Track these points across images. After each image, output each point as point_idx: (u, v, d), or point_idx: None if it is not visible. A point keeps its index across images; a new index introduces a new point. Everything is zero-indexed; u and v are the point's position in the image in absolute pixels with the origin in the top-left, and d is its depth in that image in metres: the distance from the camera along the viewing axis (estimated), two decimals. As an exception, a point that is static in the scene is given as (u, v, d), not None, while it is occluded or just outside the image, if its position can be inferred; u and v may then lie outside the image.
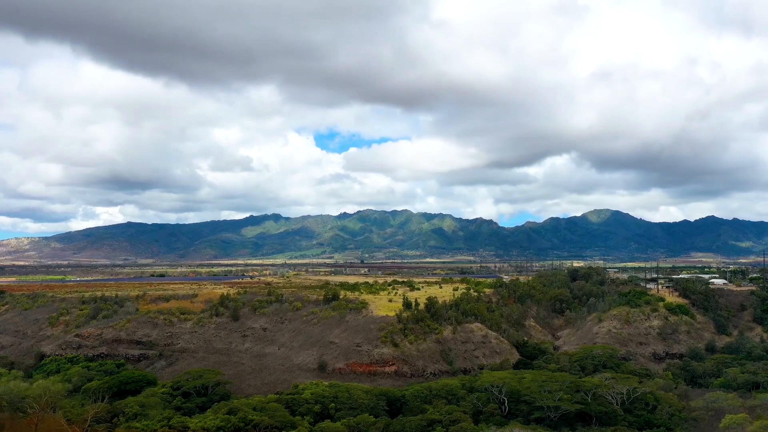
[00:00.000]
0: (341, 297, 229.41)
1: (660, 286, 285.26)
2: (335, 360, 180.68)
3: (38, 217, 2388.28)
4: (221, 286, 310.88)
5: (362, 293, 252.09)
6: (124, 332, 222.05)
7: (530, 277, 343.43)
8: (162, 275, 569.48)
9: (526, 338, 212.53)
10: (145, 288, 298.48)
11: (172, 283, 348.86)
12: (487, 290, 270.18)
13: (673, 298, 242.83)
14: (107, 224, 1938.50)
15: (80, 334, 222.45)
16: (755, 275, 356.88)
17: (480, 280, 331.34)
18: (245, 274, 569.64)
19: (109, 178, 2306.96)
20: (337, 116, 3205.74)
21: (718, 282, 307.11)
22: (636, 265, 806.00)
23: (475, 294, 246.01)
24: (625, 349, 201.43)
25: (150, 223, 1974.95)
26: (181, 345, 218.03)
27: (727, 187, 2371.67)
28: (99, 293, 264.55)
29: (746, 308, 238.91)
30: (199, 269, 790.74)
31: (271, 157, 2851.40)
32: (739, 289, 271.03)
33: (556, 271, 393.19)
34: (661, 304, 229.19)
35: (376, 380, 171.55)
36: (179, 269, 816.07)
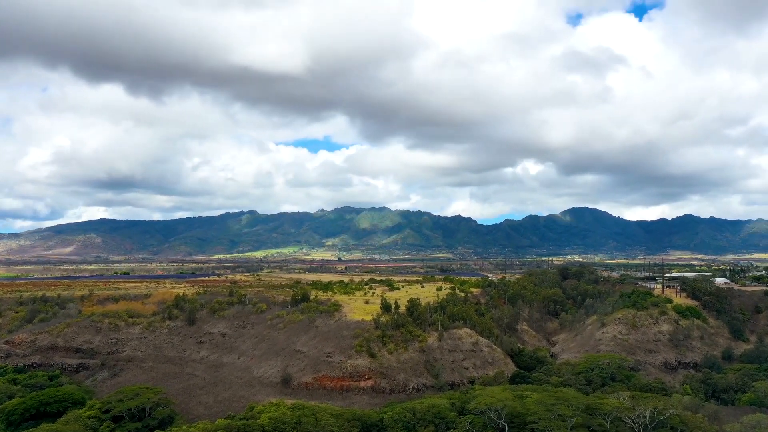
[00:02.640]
0: (312, 298, 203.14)
1: (660, 286, 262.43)
2: (302, 373, 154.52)
3: (31, 217, 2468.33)
4: (182, 285, 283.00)
5: (335, 293, 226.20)
6: (62, 338, 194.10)
7: (519, 276, 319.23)
8: (126, 273, 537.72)
9: (520, 345, 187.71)
10: (97, 287, 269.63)
11: (130, 282, 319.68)
12: (474, 290, 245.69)
13: (681, 300, 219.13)
14: (80, 220, 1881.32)
15: (11, 340, 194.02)
16: (759, 273, 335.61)
17: (465, 278, 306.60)
18: (214, 271, 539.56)
19: (97, 178, 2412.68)
20: (321, 126, 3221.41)
21: (720, 281, 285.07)
22: (624, 262, 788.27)
23: (462, 294, 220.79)
24: (633, 358, 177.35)
25: (124, 219, 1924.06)
26: (128, 353, 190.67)
27: (705, 189, 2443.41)
28: (40, 293, 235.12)
29: (761, 311, 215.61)
30: (169, 266, 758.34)
31: (252, 161, 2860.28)
32: (750, 289, 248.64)
33: (546, 270, 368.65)
34: (669, 306, 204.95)
35: (350, 397, 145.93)
36: (149, 266, 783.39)
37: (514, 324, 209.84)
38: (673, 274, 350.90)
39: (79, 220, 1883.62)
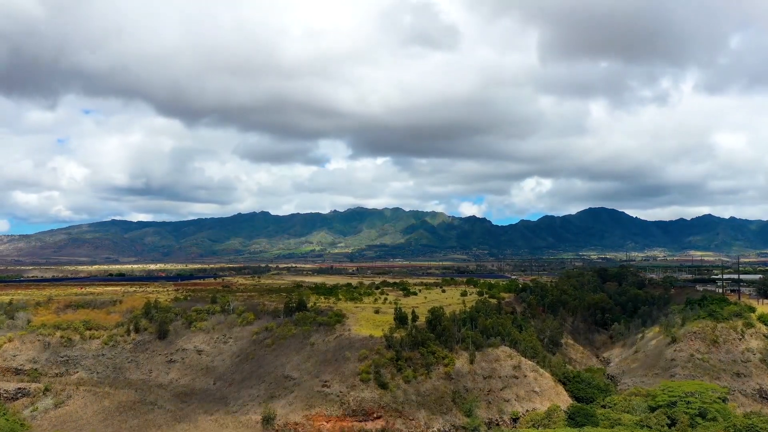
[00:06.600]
0: (310, 306, 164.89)
1: (724, 289, 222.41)
2: (290, 408, 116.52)
3: (62, 220, 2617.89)
4: (167, 289, 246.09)
5: (340, 299, 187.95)
6: (0, 356, 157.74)
7: (552, 278, 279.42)
8: (122, 274, 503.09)
9: (570, 367, 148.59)
10: (67, 291, 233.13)
11: (109, 284, 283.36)
12: (505, 295, 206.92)
13: (764, 308, 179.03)
14: (92, 221, 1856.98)
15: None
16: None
17: (491, 281, 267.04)
18: (216, 273, 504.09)
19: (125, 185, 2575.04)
20: (333, 143, 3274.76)
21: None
22: (649, 263, 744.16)
23: (494, 301, 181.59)
24: (719, 384, 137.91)
25: (135, 221, 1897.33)
26: (80, 374, 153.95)
27: (721, 192, 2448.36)
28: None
29: None
30: (172, 267, 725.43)
31: (268, 172, 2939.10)
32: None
33: (583, 272, 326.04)
34: (753, 316, 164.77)
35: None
36: (151, 267, 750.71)
37: (557, 338, 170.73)
38: (718, 276, 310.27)
39: (92, 221, 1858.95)
